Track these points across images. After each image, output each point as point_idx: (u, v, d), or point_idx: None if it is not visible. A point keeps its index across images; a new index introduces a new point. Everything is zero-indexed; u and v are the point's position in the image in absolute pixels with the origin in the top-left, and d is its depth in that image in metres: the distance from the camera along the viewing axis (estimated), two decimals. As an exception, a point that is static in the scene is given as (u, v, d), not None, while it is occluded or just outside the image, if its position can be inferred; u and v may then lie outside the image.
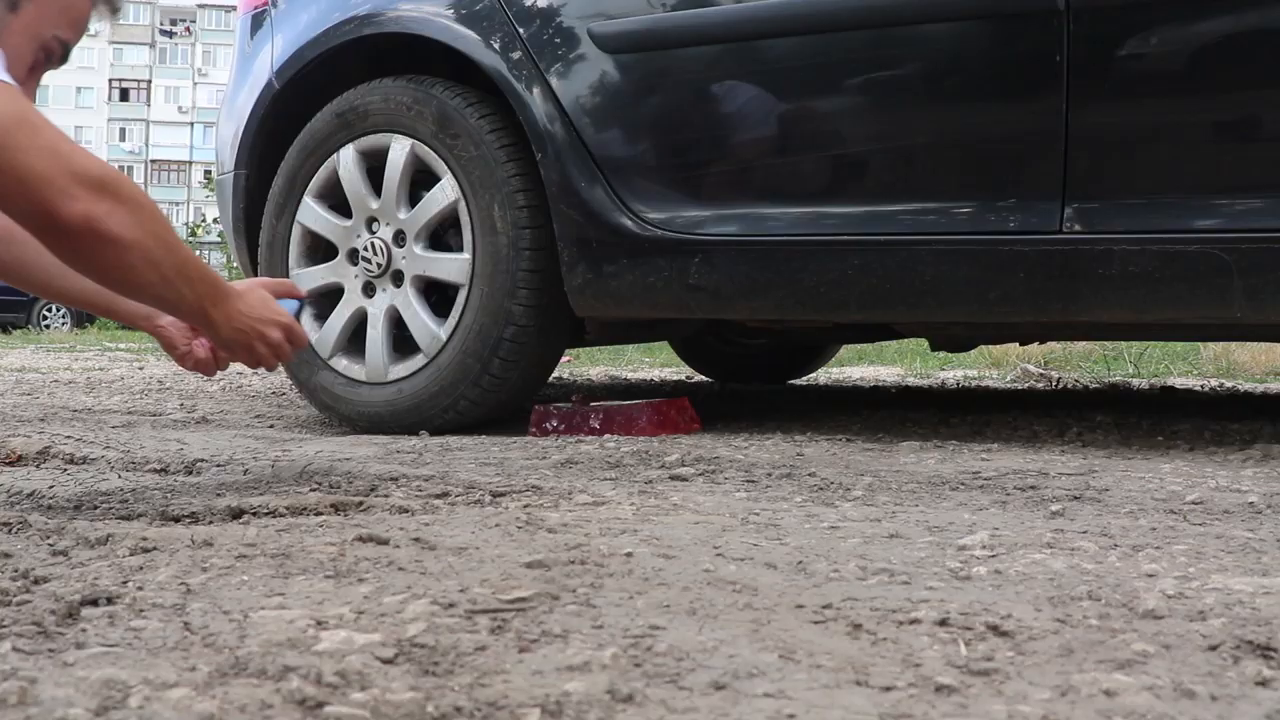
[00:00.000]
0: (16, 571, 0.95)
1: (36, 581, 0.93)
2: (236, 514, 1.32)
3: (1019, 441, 2.13)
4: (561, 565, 0.99)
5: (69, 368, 4.73)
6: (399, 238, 2.47)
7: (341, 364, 2.54)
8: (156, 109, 61.47)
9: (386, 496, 1.44)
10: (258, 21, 2.85)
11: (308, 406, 3.06)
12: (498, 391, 2.37)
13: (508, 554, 1.04)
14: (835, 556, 1.07)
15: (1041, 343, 3.93)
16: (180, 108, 62.08)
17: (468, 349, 2.36)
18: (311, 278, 2.58)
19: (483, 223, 2.36)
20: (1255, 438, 2.10)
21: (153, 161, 61.21)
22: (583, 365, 5.26)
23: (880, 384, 4.00)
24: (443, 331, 2.40)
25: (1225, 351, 4.68)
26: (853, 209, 2.12)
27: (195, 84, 62.47)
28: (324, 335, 2.56)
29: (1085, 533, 1.22)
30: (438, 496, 1.45)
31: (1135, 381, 3.96)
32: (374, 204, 2.50)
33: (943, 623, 0.83)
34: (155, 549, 1.06)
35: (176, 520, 1.31)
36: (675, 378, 4.36)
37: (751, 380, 3.92)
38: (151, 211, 1.42)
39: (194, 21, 62.05)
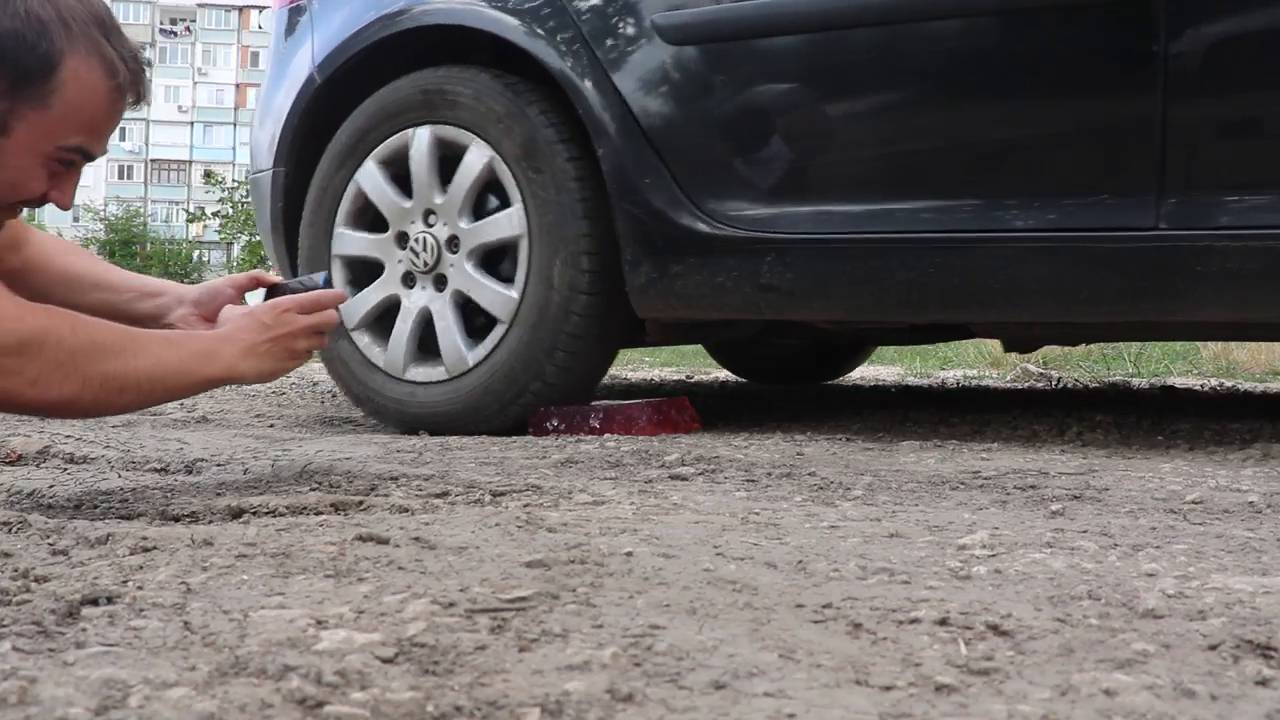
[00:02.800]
0: (16, 571, 0.95)
1: (36, 581, 0.93)
2: (236, 513, 1.32)
3: (1019, 441, 2.13)
4: (561, 565, 0.99)
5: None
6: (453, 243, 2.39)
7: (363, 340, 2.46)
8: (156, 108, 61.43)
9: (386, 496, 1.44)
10: (294, 17, 2.76)
11: (307, 406, 3.06)
12: (506, 429, 2.33)
13: (508, 553, 1.04)
14: (835, 556, 1.07)
15: (1127, 342, 3.86)
16: (180, 107, 62.07)
17: (491, 387, 2.30)
18: (355, 242, 2.50)
19: (540, 272, 2.28)
20: (1255, 437, 2.10)
21: (152, 161, 61.21)
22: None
23: (880, 384, 4.00)
24: (470, 357, 2.33)
25: (1225, 351, 4.68)
26: (935, 205, 2.04)
27: (195, 83, 62.47)
28: (353, 306, 2.46)
29: (1085, 532, 1.22)
30: (438, 496, 1.45)
31: (1135, 381, 3.96)
32: (438, 198, 2.40)
33: (943, 622, 0.83)
34: (155, 548, 1.06)
35: (176, 520, 1.31)
36: (675, 377, 4.36)
37: (786, 381, 3.81)
38: (87, 347, 1.30)
39: (194, 21, 62.06)
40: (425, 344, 2.43)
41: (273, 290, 1.67)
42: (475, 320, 2.40)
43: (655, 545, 1.10)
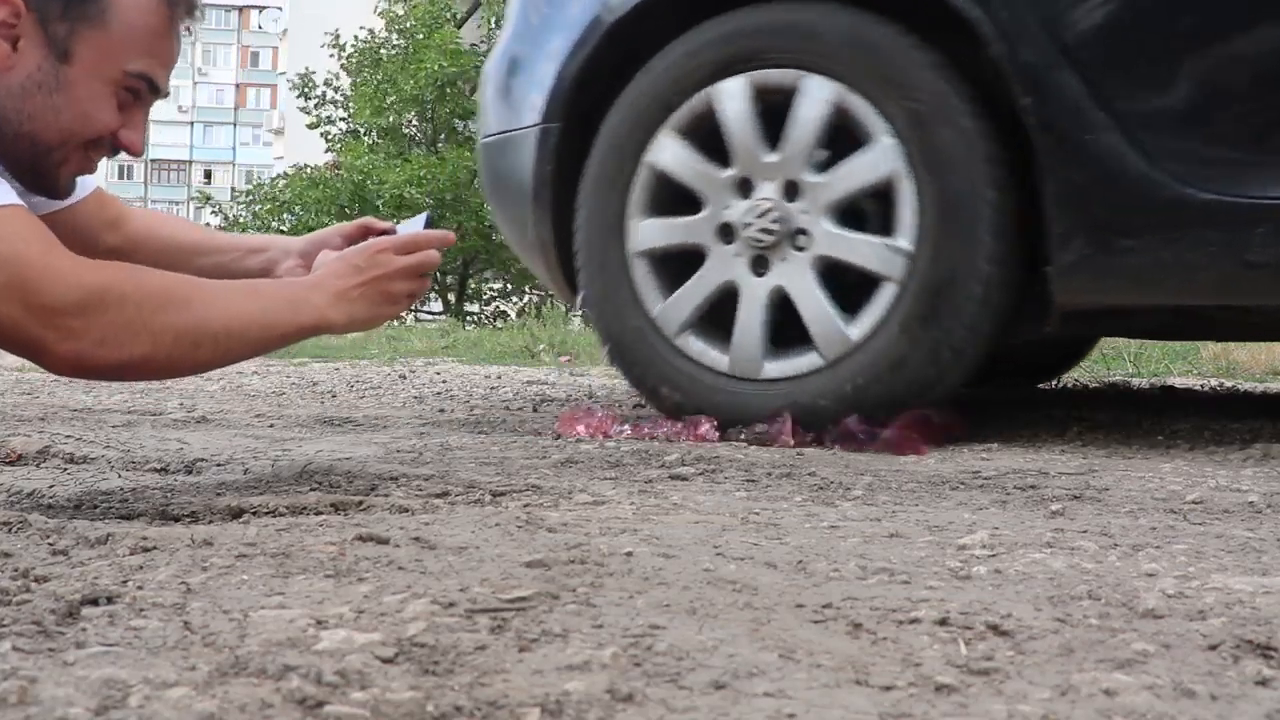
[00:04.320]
0: (16, 571, 0.95)
1: (36, 581, 0.93)
2: (236, 513, 1.32)
3: (1019, 441, 2.13)
4: (561, 565, 0.99)
5: (69, 367, 4.71)
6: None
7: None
8: (156, 108, 61.22)
9: (386, 496, 1.44)
10: None
11: (307, 406, 3.05)
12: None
13: (508, 553, 1.04)
14: (835, 556, 1.07)
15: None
16: (180, 107, 62.11)
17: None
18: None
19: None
20: (1255, 437, 2.10)
21: (153, 161, 61.24)
22: (583, 364, 5.25)
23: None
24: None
25: (1225, 351, 4.68)
26: None
27: (195, 84, 62.52)
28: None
29: (1085, 532, 1.22)
30: (438, 496, 1.45)
31: (1135, 381, 3.96)
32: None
33: (943, 622, 0.83)
34: (155, 548, 1.06)
35: (176, 520, 1.31)
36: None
37: (1004, 382, 3.44)
38: (153, 301, 1.24)
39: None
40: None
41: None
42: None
43: (655, 545, 1.10)
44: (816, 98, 2.00)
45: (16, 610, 0.83)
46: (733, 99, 2.07)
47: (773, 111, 2.06)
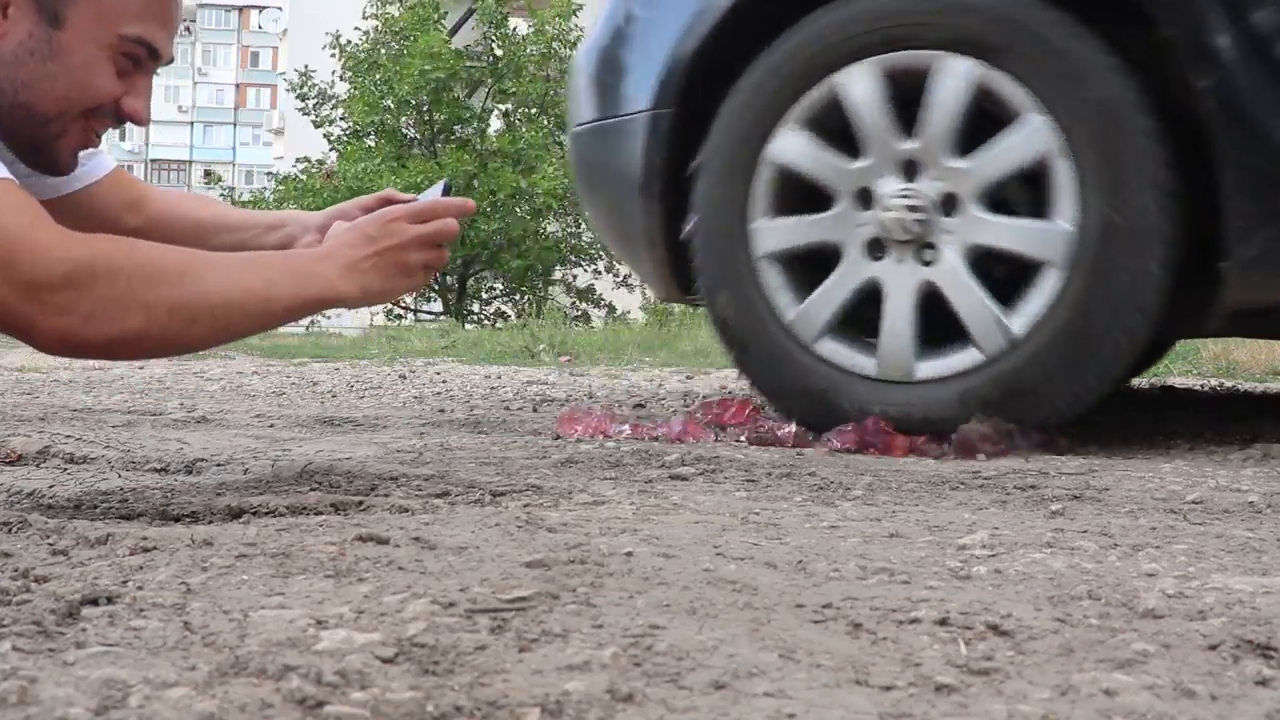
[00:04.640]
0: (16, 571, 0.95)
1: (36, 581, 0.93)
2: (236, 513, 1.32)
3: (1019, 441, 2.13)
4: (561, 565, 0.99)
5: (69, 367, 4.73)
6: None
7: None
8: (156, 108, 61.23)
9: (386, 496, 1.44)
10: None
11: (307, 406, 3.05)
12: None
13: (508, 553, 1.04)
14: (835, 556, 1.07)
15: None
16: (180, 107, 62.13)
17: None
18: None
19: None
20: (1255, 437, 2.11)
21: (153, 161, 61.23)
22: (583, 365, 5.25)
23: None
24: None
25: (1225, 351, 4.68)
26: None
27: (195, 83, 62.55)
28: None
29: (1085, 532, 1.22)
30: (438, 496, 1.45)
31: (1135, 381, 3.96)
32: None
33: (943, 622, 0.83)
34: (155, 548, 1.06)
35: (176, 520, 1.31)
36: (676, 378, 4.35)
37: None
38: (145, 273, 1.18)
39: (194, 21, 62.06)
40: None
41: None
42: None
43: (655, 545, 1.10)
44: (1031, 140, 1.86)
45: (16, 610, 0.83)
46: (954, 80, 1.90)
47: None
